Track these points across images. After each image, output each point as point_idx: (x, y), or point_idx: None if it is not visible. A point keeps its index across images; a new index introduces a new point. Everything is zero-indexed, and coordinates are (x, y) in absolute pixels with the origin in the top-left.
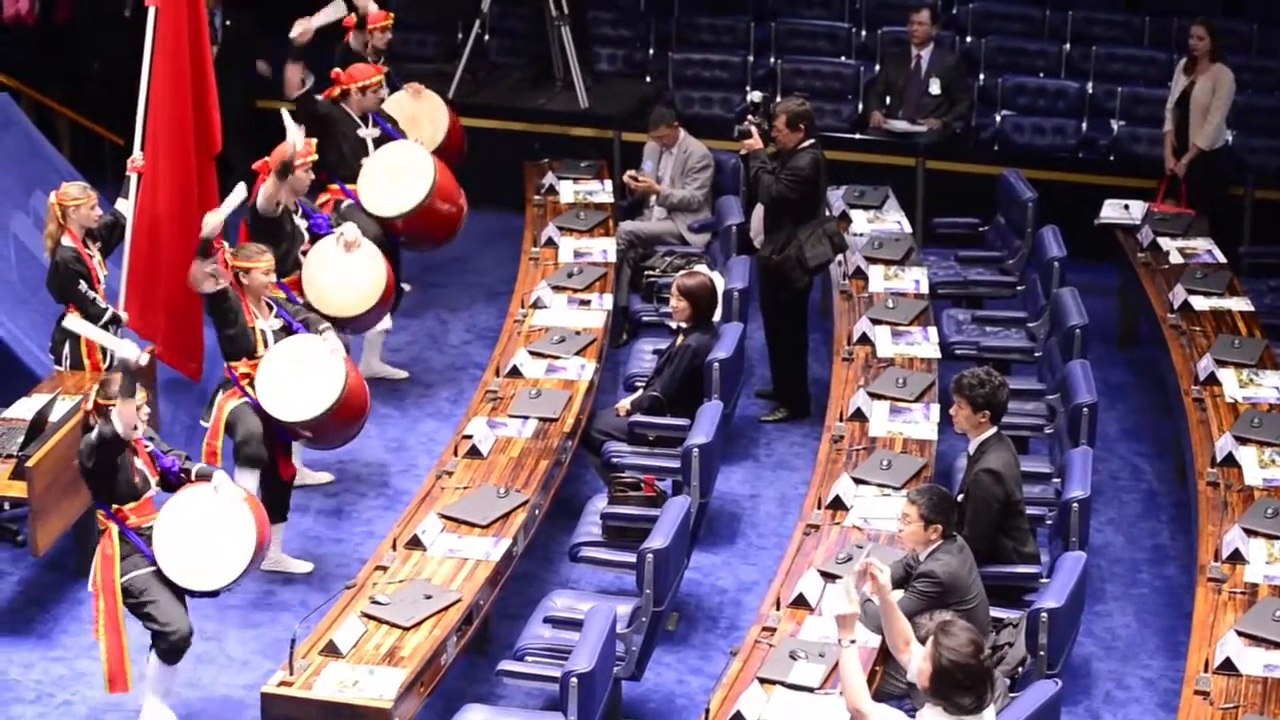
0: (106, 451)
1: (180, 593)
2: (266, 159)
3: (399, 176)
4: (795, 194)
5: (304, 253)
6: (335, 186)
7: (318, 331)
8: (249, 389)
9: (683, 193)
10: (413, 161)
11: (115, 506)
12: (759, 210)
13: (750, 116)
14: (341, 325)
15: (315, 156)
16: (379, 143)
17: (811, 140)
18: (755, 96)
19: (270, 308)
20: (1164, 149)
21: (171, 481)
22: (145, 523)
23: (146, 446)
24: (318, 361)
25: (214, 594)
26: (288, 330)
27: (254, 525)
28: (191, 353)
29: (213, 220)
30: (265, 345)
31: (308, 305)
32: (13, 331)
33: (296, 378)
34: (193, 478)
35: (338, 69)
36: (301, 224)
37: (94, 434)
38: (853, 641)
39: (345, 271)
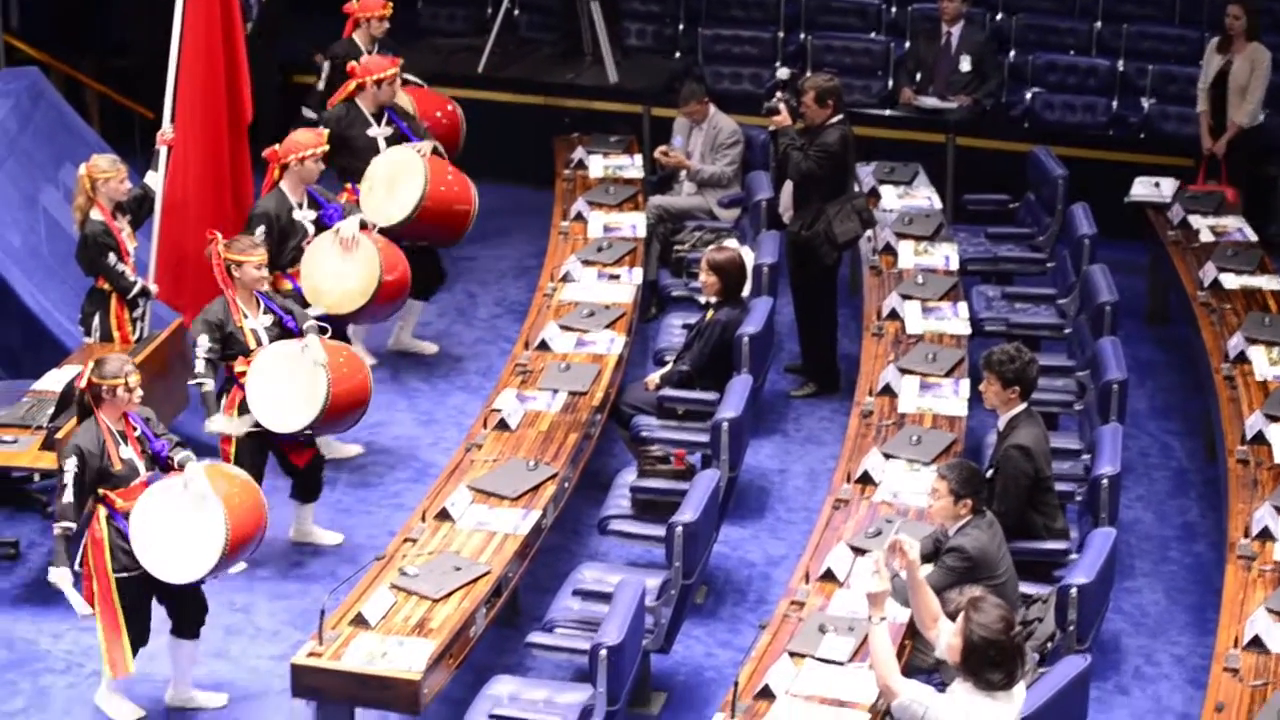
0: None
1: (157, 598)
2: (276, 148)
3: (394, 185)
4: (824, 170)
5: (307, 244)
6: (350, 187)
7: (302, 331)
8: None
9: (712, 168)
10: (407, 168)
11: (102, 491)
12: (788, 186)
13: (778, 93)
14: (344, 319)
15: (326, 147)
16: (391, 141)
17: (840, 116)
18: (783, 73)
19: (259, 303)
20: (1197, 128)
21: (163, 465)
22: (132, 508)
23: (135, 430)
24: (301, 370)
25: (193, 586)
26: (279, 326)
27: (224, 520)
28: None
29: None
30: (258, 343)
31: (301, 300)
32: (43, 304)
33: (282, 388)
34: (175, 465)
35: (353, 63)
36: (311, 214)
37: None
38: (883, 619)
39: (339, 269)
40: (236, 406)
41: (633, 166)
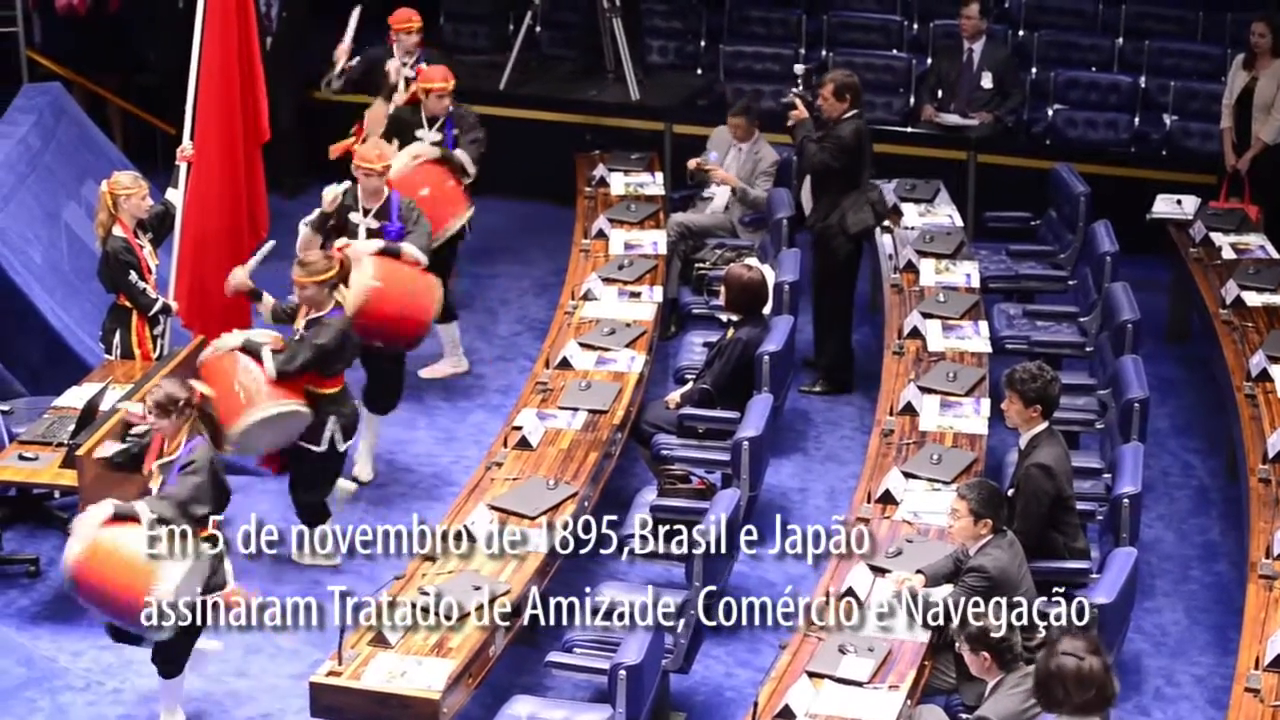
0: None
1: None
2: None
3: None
4: (838, 163)
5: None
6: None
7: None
8: None
9: (757, 192)
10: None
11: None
12: (809, 181)
13: (795, 87)
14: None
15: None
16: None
17: (855, 110)
18: (799, 69)
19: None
20: (1220, 145)
21: None
22: None
23: None
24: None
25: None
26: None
27: None
28: None
29: (238, 277)
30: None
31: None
32: (64, 321)
33: None
34: None
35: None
36: (374, 224)
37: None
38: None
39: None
40: None
41: (654, 184)
